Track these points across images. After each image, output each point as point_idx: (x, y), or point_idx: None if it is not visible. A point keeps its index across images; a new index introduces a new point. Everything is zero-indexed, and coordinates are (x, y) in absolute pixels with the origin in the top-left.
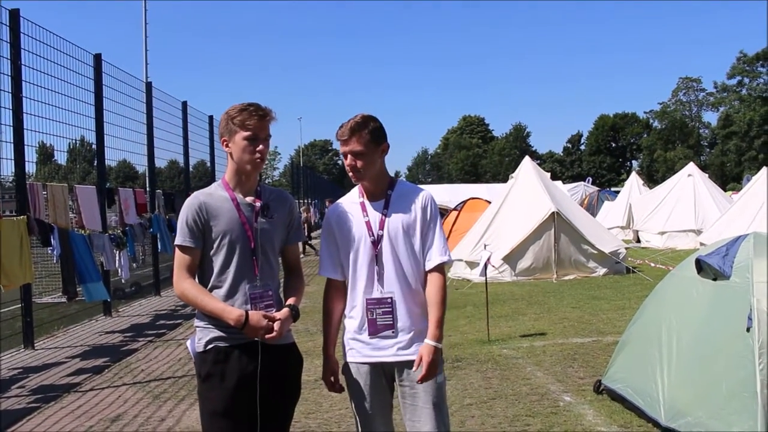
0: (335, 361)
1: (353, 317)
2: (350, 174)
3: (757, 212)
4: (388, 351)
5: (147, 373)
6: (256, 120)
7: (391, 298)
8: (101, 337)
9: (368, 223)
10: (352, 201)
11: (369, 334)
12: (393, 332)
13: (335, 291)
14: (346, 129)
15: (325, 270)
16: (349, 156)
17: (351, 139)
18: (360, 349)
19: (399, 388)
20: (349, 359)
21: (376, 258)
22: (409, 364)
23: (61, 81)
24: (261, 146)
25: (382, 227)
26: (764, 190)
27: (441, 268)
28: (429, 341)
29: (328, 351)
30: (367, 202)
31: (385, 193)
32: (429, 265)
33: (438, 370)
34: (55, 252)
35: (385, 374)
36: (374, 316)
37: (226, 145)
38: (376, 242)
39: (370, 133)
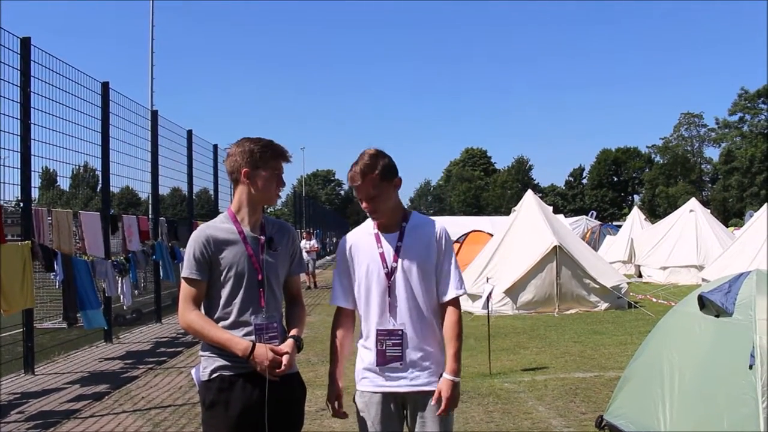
0: (340, 387)
1: (368, 348)
2: (367, 213)
3: (759, 249)
4: (400, 381)
5: (147, 401)
6: (283, 159)
7: (402, 330)
8: (101, 364)
9: (382, 255)
10: (366, 232)
11: (377, 365)
12: (401, 364)
13: (345, 319)
14: (357, 174)
15: (336, 299)
16: (363, 200)
17: (363, 183)
18: (373, 379)
19: (409, 418)
20: (361, 388)
21: (389, 290)
22: (420, 394)
23: (69, 108)
24: (283, 183)
25: (396, 259)
26: (765, 227)
27: (456, 302)
28: (447, 376)
29: (335, 376)
30: (381, 234)
31: (399, 225)
32: (444, 299)
33: (456, 403)
34: (58, 278)
35: (396, 404)
36: (384, 347)
37: (247, 176)
38: (390, 274)
39: (381, 173)
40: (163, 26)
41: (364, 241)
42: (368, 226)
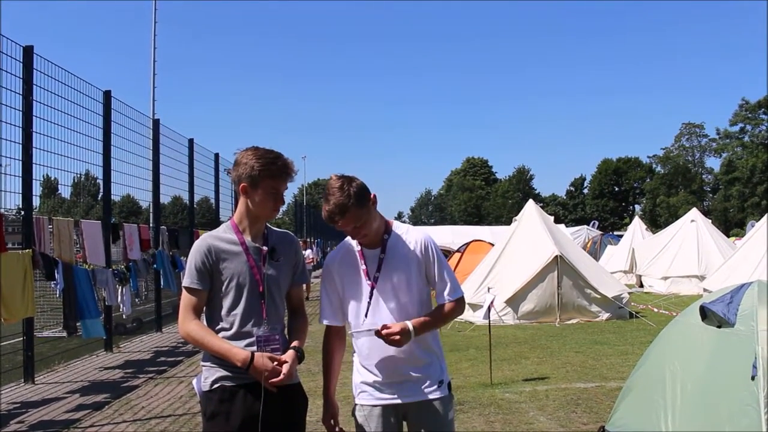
0: (336, 405)
1: (363, 365)
2: (354, 240)
3: (761, 260)
4: (399, 393)
5: (147, 411)
6: (283, 179)
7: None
8: (102, 373)
9: (366, 271)
10: (350, 249)
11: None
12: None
13: (335, 336)
14: (333, 213)
15: (326, 317)
16: (348, 233)
17: (342, 220)
18: (372, 392)
19: (409, 428)
20: (361, 402)
21: (376, 305)
22: (420, 404)
23: (71, 116)
24: (281, 202)
25: (378, 272)
26: (766, 237)
27: (454, 302)
28: (408, 322)
29: (329, 394)
30: (365, 249)
31: (381, 239)
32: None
33: (392, 342)
34: (58, 287)
35: (396, 416)
36: None
37: (244, 190)
38: (373, 289)
39: (356, 203)
40: (165, 35)
41: (349, 259)
42: (351, 242)
